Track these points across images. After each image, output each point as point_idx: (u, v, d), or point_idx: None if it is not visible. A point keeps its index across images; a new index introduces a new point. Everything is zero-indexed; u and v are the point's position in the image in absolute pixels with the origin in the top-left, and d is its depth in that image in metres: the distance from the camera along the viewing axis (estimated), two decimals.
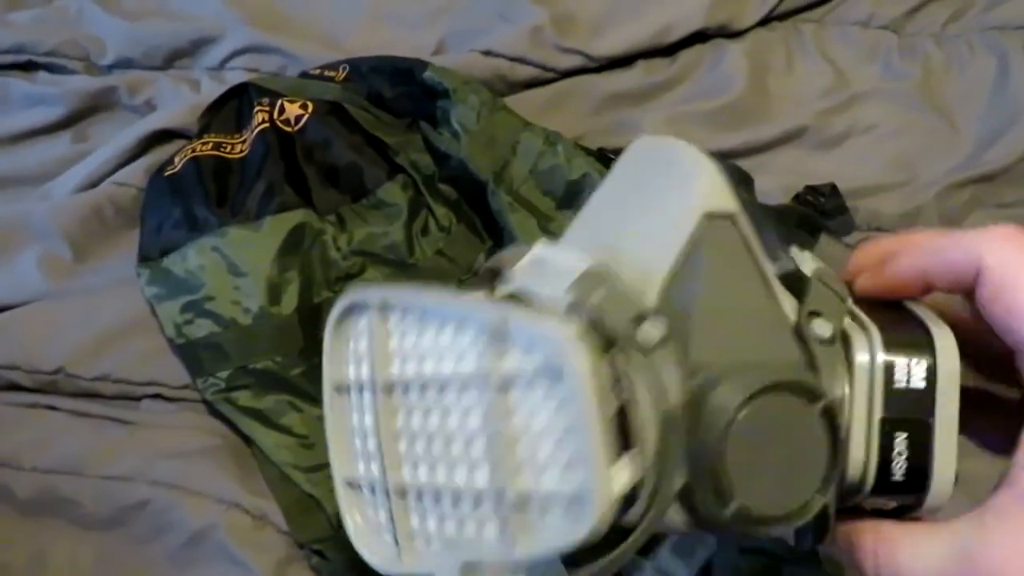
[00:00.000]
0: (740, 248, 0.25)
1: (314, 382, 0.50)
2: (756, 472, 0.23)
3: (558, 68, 0.63)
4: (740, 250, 0.25)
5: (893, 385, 0.24)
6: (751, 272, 0.25)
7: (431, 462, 0.26)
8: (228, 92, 0.59)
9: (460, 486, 0.24)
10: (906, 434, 0.24)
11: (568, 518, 0.22)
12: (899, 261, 0.26)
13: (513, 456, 0.23)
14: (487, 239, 0.56)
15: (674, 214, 0.25)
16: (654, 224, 0.26)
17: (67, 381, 0.51)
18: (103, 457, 0.48)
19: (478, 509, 0.24)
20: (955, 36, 0.65)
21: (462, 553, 0.24)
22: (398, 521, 0.27)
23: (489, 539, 0.24)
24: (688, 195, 0.25)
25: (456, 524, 0.25)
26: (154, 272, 0.52)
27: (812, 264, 0.26)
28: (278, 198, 0.53)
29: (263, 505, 0.47)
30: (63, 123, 0.64)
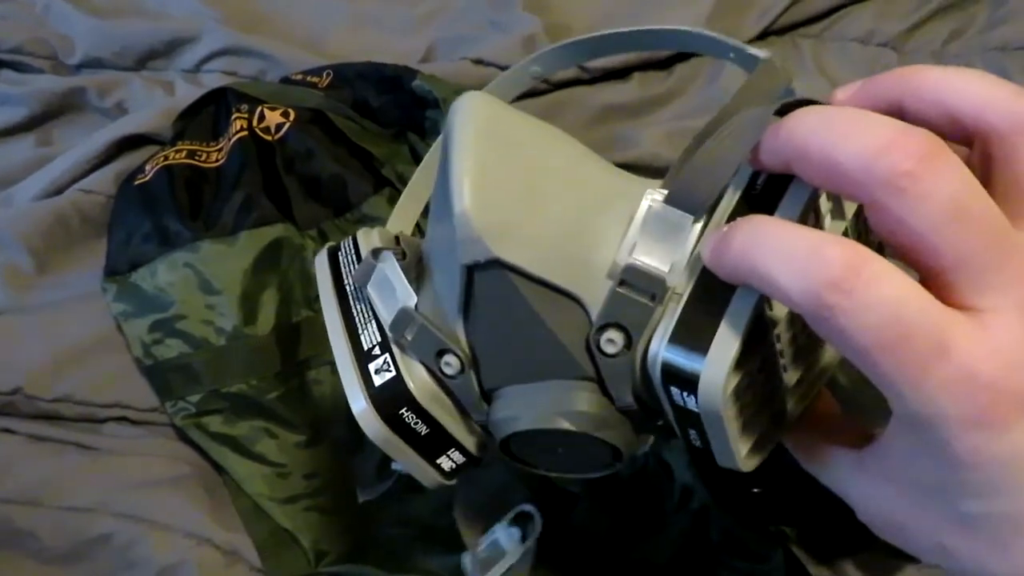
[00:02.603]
0: (511, 287, 0.26)
1: (291, 407, 0.47)
2: (548, 457, 0.29)
3: (550, 79, 0.61)
4: (509, 291, 0.26)
5: (674, 402, 0.25)
6: (526, 308, 0.26)
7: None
8: (205, 97, 0.56)
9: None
10: (695, 431, 0.26)
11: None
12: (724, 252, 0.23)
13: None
14: None
15: (450, 259, 0.27)
16: (444, 259, 0.28)
17: (25, 402, 0.48)
18: (63, 486, 0.45)
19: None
20: (955, 56, 0.64)
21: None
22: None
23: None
24: (452, 247, 0.26)
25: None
26: (121, 288, 0.49)
27: (627, 253, 0.25)
28: (256, 211, 0.50)
29: (235, 540, 0.44)
30: (27, 125, 0.61)
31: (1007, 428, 0.20)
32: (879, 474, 0.24)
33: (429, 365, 0.29)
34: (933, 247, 0.21)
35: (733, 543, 0.42)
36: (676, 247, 0.25)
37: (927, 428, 0.21)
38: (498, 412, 0.29)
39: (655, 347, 0.25)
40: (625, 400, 0.27)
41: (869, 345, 0.20)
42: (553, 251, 0.26)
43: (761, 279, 0.22)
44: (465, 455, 0.31)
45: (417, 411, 0.29)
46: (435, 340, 0.28)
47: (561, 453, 0.29)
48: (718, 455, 0.26)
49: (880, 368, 0.21)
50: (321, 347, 0.49)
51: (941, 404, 0.20)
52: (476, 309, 0.27)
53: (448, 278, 0.27)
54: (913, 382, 0.20)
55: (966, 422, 0.20)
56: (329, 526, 0.45)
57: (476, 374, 0.28)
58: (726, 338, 0.23)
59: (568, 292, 0.26)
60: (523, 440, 0.29)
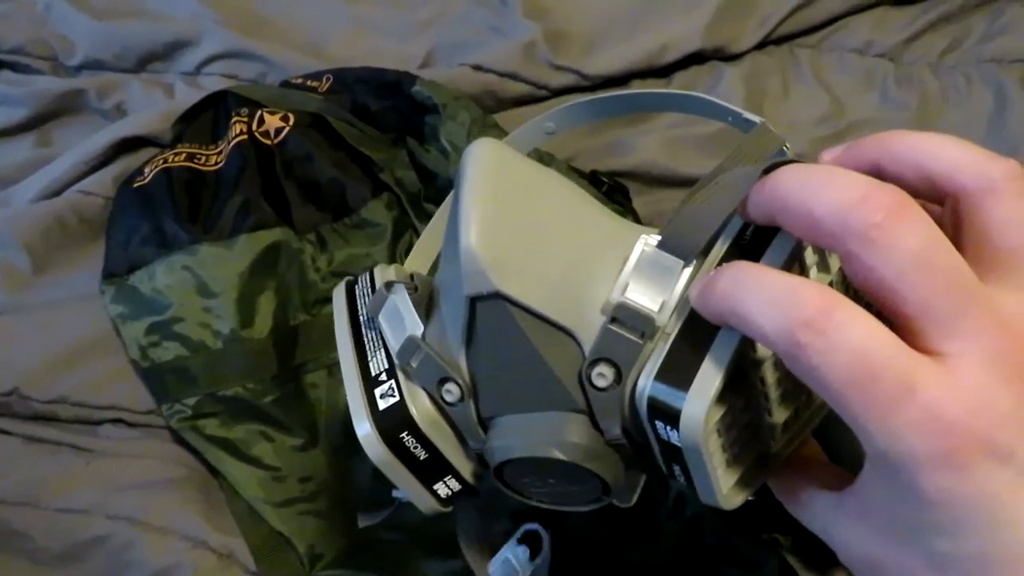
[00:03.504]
0: (508, 322, 0.27)
1: (287, 411, 0.47)
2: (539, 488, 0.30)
3: (550, 86, 0.61)
4: (508, 324, 0.27)
5: (659, 437, 0.27)
6: (523, 340, 0.28)
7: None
8: (205, 100, 0.56)
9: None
10: (679, 467, 0.27)
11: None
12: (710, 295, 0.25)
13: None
14: None
15: (456, 291, 0.28)
16: (451, 291, 0.29)
17: (21, 403, 0.48)
18: (58, 487, 0.45)
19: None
20: (952, 67, 0.64)
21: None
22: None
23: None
24: (459, 280, 0.28)
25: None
26: (119, 289, 0.49)
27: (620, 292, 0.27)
28: (254, 215, 0.50)
29: (230, 543, 0.44)
30: (26, 125, 0.61)
31: (971, 469, 0.21)
32: (857, 514, 0.25)
33: (432, 392, 0.30)
34: (901, 294, 0.22)
35: (727, 550, 0.43)
36: (666, 289, 0.27)
37: (896, 467, 0.22)
38: (494, 440, 0.30)
39: (643, 383, 0.26)
40: (614, 433, 0.28)
41: (839, 384, 0.21)
42: (551, 288, 0.27)
43: (740, 318, 0.23)
44: (461, 483, 0.32)
45: (417, 436, 0.30)
46: (438, 368, 0.29)
47: (553, 484, 0.30)
48: (700, 491, 0.27)
49: (850, 407, 0.21)
50: (318, 351, 0.49)
51: (908, 443, 0.21)
52: (477, 340, 0.29)
53: (454, 310, 0.29)
54: (881, 421, 0.21)
55: (932, 461, 0.21)
56: (324, 530, 0.45)
57: (475, 403, 0.30)
58: (708, 374, 0.25)
59: (563, 327, 0.28)
60: (517, 469, 0.30)
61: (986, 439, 0.21)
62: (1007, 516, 0.21)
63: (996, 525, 0.21)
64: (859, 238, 0.21)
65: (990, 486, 0.21)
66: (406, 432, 0.30)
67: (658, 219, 0.56)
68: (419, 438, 0.30)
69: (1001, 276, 0.23)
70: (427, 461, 0.31)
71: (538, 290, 0.27)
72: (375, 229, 0.52)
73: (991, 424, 0.21)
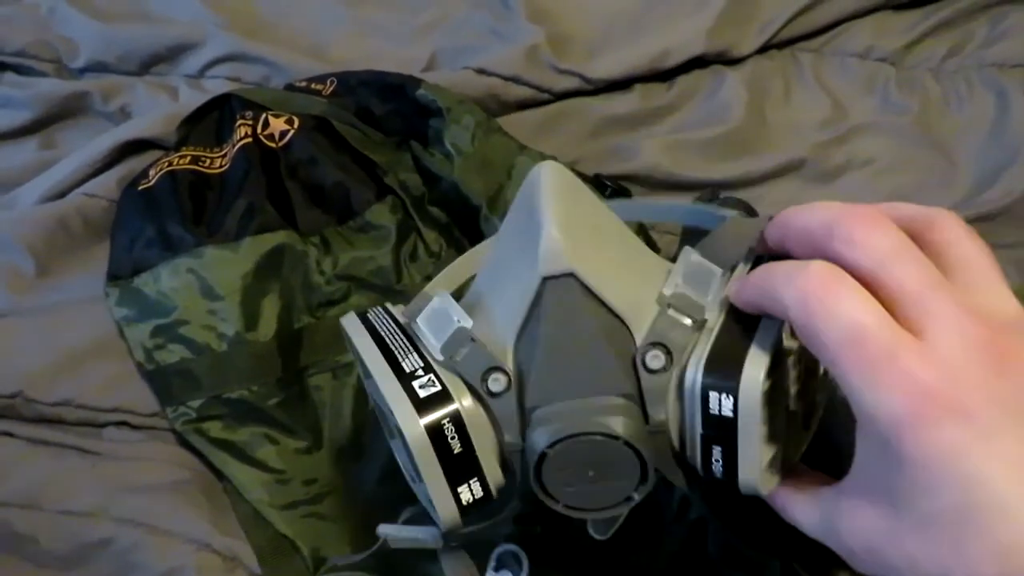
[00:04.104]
0: (577, 304, 0.31)
1: (292, 413, 0.48)
2: (573, 486, 0.31)
3: (553, 90, 0.61)
4: (577, 306, 0.31)
5: (709, 412, 0.29)
6: (587, 324, 0.31)
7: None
8: (209, 103, 0.56)
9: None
10: (720, 447, 0.30)
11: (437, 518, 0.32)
12: (747, 287, 0.30)
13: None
14: None
15: (523, 279, 0.31)
16: (512, 285, 0.32)
17: (26, 406, 0.48)
18: (63, 490, 0.45)
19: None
20: (953, 72, 0.64)
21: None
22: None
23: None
24: (533, 262, 0.31)
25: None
26: (124, 292, 0.49)
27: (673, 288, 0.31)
28: (259, 218, 0.50)
29: (235, 546, 0.44)
30: (30, 128, 0.62)
31: (942, 427, 0.24)
32: (856, 497, 0.28)
33: (475, 385, 0.31)
34: (880, 280, 0.27)
35: (731, 555, 0.43)
36: (709, 290, 0.31)
37: (881, 430, 0.25)
38: (538, 427, 0.31)
39: (694, 364, 0.30)
40: (659, 417, 0.31)
41: (834, 345, 0.26)
42: (612, 279, 0.31)
43: (769, 297, 0.28)
44: (484, 490, 0.32)
45: (457, 425, 0.31)
46: (487, 358, 0.31)
47: (590, 477, 0.31)
48: (742, 468, 0.29)
49: (842, 366, 0.26)
50: (322, 354, 0.49)
51: (889, 403, 0.25)
52: (538, 322, 0.31)
53: (511, 302, 0.32)
54: (867, 381, 0.25)
55: (910, 420, 0.24)
56: (329, 533, 0.45)
57: (519, 393, 0.31)
58: (762, 345, 0.29)
59: (620, 315, 0.31)
60: (558, 459, 0.30)
61: (956, 402, 0.24)
62: (975, 471, 0.24)
63: (967, 479, 0.24)
64: (842, 240, 0.27)
65: (960, 444, 0.24)
66: (448, 420, 0.30)
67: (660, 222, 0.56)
68: (459, 427, 0.31)
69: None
70: (460, 457, 0.31)
71: (602, 278, 0.31)
72: (379, 232, 0.52)
73: (960, 390, 0.24)
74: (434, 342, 0.33)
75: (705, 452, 0.30)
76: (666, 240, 0.55)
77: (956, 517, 0.24)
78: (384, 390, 0.31)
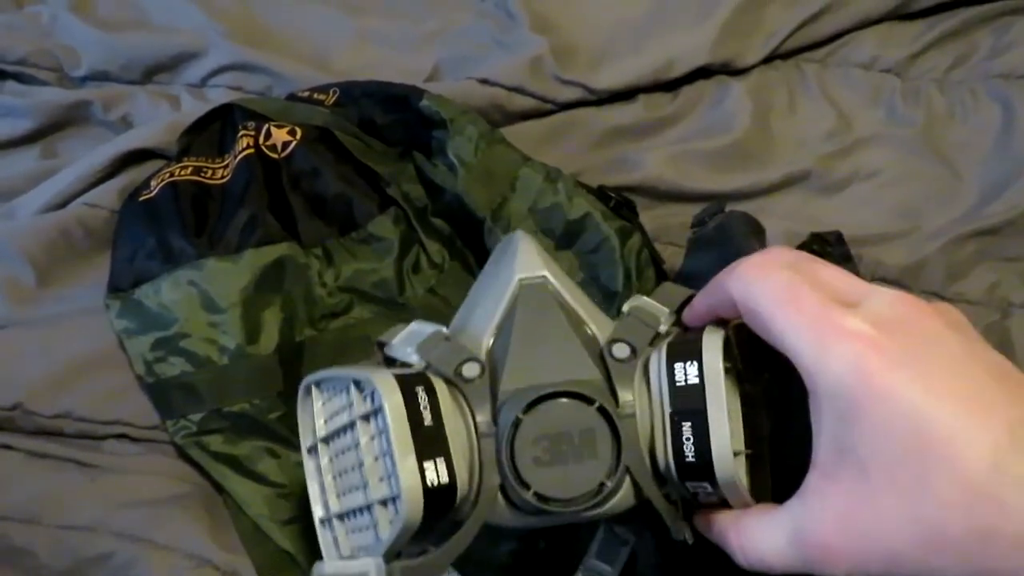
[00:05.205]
0: (549, 301, 0.35)
1: (293, 427, 0.47)
2: (546, 464, 0.31)
3: (557, 100, 0.61)
4: (549, 302, 0.35)
5: (676, 384, 0.31)
6: (558, 317, 0.35)
7: (348, 490, 0.34)
8: (211, 113, 0.56)
9: (359, 504, 0.33)
10: (690, 422, 0.31)
11: (396, 512, 0.31)
12: (696, 300, 0.34)
13: (373, 475, 0.32)
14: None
15: (501, 285, 0.36)
16: (490, 294, 0.37)
17: (25, 418, 0.47)
18: (62, 504, 0.45)
19: (368, 518, 0.33)
20: (958, 83, 0.64)
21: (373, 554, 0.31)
22: (341, 543, 0.35)
23: (373, 540, 0.32)
24: (510, 268, 0.37)
25: (363, 533, 0.33)
26: (124, 304, 0.49)
27: (635, 303, 0.36)
28: (260, 229, 0.50)
29: (235, 562, 0.44)
30: (31, 137, 0.61)
31: (884, 371, 0.26)
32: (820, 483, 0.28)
33: (448, 375, 0.33)
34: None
35: None
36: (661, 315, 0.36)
37: (829, 382, 0.27)
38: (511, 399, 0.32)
39: (657, 351, 0.33)
40: (627, 398, 0.32)
41: (771, 306, 0.28)
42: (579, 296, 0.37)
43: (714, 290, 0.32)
44: (449, 476, 0.31)
45: (430, 395, 0.32)
46: (461, 351, 0.34)
47: (563, 455, 0.31)
48: (715, 436, 0.30)
49: (782, 326, 0.28)
50: (324, 366, 0.49)
51: (831, 354, 0.27)
52: (512, 319, 0.35)
53: (488, 307, 0.36)
54: (808, 337, 0.27)
55: (854, 365, 0.26)
56: None
57: (493, 379, 0.33)
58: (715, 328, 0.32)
59: (585, 321, 0.36)
60: (530, 427, 0.31)
61: (893, 349, 0.26)
62: (923, 410, 0.25)
63: (917, 419, 0.25)
64: (735, 280, 0.31)
65: (904, 386, 0.26)
66: (421, 386, 0.32)
67: (665, 234, 0.56)
68: (431, 398, 0.31)
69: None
70: (430, 431, 0.31)
71: (571, 292, 0.37)
72: (382, 244, 0.52)
73: (895, 339, 0.26)
74: (409, 349, 0.35)
75: (675, 434, 0.31)
76: (670, 251, 0.55)
77: (915, 458, 0.25)
78: (365, 370, 0.32)
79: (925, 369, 0.26)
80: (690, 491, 0.32)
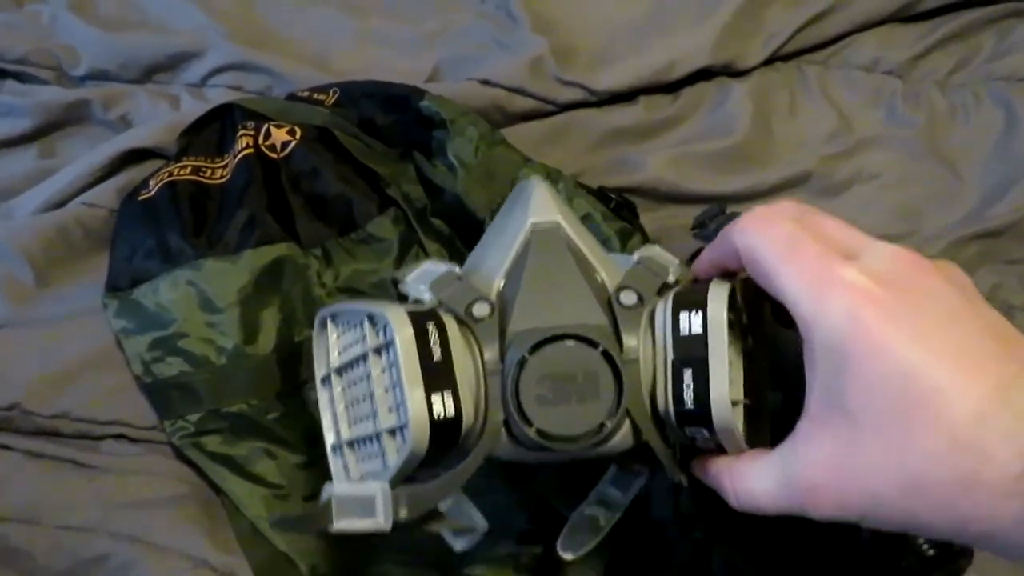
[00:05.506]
0: (561, 246, 0.36)
1: (291, 427, 0.47)
2: (550, 403, 0.32)
3: (558, 101, 0.61)
4: (561, 247, 0.36)
5: (679, 333, 0.32)
6: (569, 262, 0.36)
7: (359, 419, 0.35)
8: (210, 113, 0.56)
9: (369, 433, 0.34)
10: (691, 369, 0.31)
11: (403, 441, 0.32)
12: (704, 252, 0.34)
13: (382, 406, 0.33)
14: None
15: (515, 228, 0.37)
16: (504, 237, 0.38)
17: (23, 418, 0.47)
18: (60, 505, 0.45)
19: (376, 446, 0.34)
20: (960, 85, 0.64)
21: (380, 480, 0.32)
22: (351, 469, 0.36)
23: (381, 467, 0.33)
24: (523, 213, 0.38)
25: (372, 461, 0.34)
26: (123, 304, 0.49)
27: (645, 253, 0.37)
28: (259, 230, 0.49)
29: (232, 563, 0.44)
30: (30, 136, 0.61)
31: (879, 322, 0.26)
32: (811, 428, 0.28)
33: (459, 314, 0.34)
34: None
35: (735, 573, 0.42)
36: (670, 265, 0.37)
37: (824, 332, 0.27)
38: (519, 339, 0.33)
39: (663, 301, 0.33)
40: (631, 343, 0.33)
41: (773, 258, 0.29)
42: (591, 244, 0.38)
43: (720, 243, 0.32)
44: (456, 409, 0.32)
45: (440, 330, 0.32)
46: (472, 291, 0.35)
47: (567, 394, 0.32)
48: (714, 386, 0.30)
49: (783, 277, 0.28)
50: None
51: (829, 303, 0.27)
52: (524, 261, 0.36)
53: (501, 250, 0.37)
54: (807, 286, 0.28)
55: (850, 315, 0.26)
56: (327, 550, 0.45)
57: (502, 319, 0.34)
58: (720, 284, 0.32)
59: (596, 268, 0.36)
60: (536, 367, 0.32)
61: (889, 302, 0.26)
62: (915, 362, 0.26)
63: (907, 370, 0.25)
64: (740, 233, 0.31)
65: (897, 338, 0.26)
66: (432, 323, 0.32)
67: (666, 235, 0.56)
68: (441, 334, 0.32)
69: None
70: (438, 365, 0.32)
71: (583, 240, 0.37)
72: (381, 244, 0.52)
73: (892, 292, 0.26)
74: (422, 287, 0.36)
75: (676, 380, 0.32)
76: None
77: (903, 410, 0.26)
78: (379, 308, 0.33)
79: (919, 323, 0.26)
80: (688, 436, 0.33)
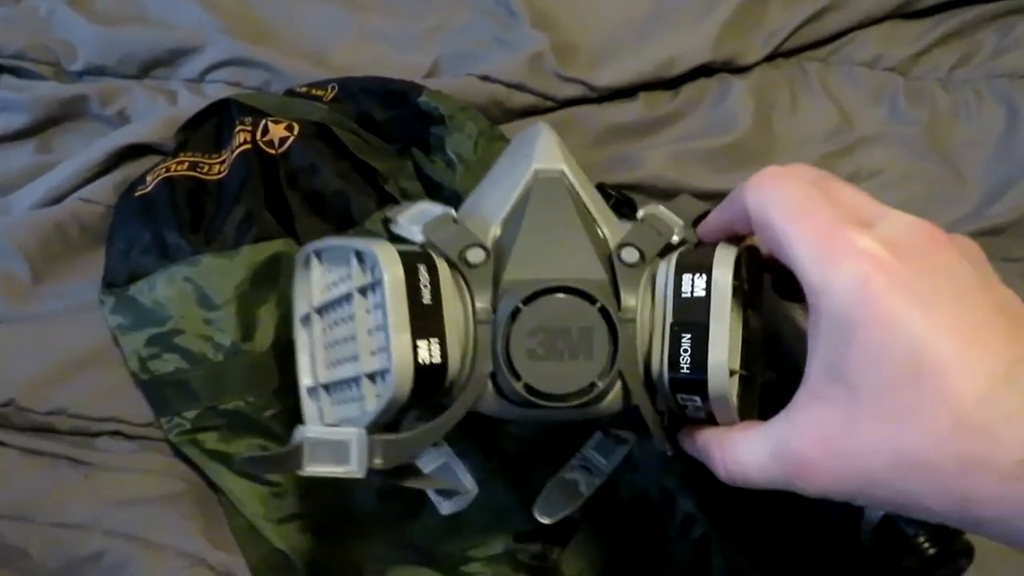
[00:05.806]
0: (564, 195, 0.35)
1: (288, 425, 0.46)
2: (540, 357, 0.31)
3: (557, 97, 0.60)
4: (564, 197, 0.35)
5: (681, 295, 0.31)
6: (571, 213, 0.34)
7: (338, 361, 0.34)
8: (208, 108, 0.55)
9: (348, 376, 0.33)
10: (690, 334, 0.30)
11: (384, 385, 0.31)
12: (712, 214, 0.33)
13: (365, 348, 0.32)
14: None
15: (517, 173, 0.36)
16: (505, 181, 0.36)
17: (18, 414, 0.47)
18: (55, 502, 0.45)
19: (355, 390, 0.33)
20: (962, 82, 0.64)
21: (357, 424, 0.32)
22: (326, 413, 0.35)
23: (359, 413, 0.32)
24: (527, 158, 0.36)
25: (349, 405, 0.33)
26: (119, 300, 0.48)
27: (650, 211, 0.36)
28: (257, 226, 0.49)
29: (229, 561, 0.43)
30: (27, 131, 0.60)
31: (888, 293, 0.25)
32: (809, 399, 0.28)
33: (452, 259, 0.33)
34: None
35: (735, 573, 0.42)
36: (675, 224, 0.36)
37: (832, 299, 0.26)
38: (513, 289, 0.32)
39: (666, 260, 0.32)
40: (629, 303, 0.33)
41: (783, 219, 0.28)
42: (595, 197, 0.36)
43: (730, 203, 0.31)
44: (442, 356, 0.31)
45: (431, 273, 0.32)
46: (467, 235, 0.34)
47: (559, 350, 0.31)
48: (713, 351, 0.30)
49: (792, 239, 0.27)
50: None
51: (838, 270, 0.26)
52: (524, 208, 0.34)
53: (501, 194, 0.35)
54: (817, 251, 0.27)
55: (859, 283, 0.26)
56: (325, 548, 0.44)
57: (497, 267, 0.33)
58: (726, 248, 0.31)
59: (598, 223, 0.35)
60: (528, 318, 0.31)
61: (900, 272, 0.26)
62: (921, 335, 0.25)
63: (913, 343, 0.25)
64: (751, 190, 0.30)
65: (905, 310, 0.25)
66: (423, 265, 0.31)
67: None
68: (432, 277, 0.31)
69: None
70: (427, 309, 0.31)
71: (587, 192, 0.36)
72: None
73: (903, 262, 0.26)
74: (415, 228, 0.35)
75: (674, 343, 0.31)
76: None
77: (906, 386, 0.25)
78: (369, 244, 0.32)
79: (931, 297, 0.25)
80: (679, 404, 0.32)
